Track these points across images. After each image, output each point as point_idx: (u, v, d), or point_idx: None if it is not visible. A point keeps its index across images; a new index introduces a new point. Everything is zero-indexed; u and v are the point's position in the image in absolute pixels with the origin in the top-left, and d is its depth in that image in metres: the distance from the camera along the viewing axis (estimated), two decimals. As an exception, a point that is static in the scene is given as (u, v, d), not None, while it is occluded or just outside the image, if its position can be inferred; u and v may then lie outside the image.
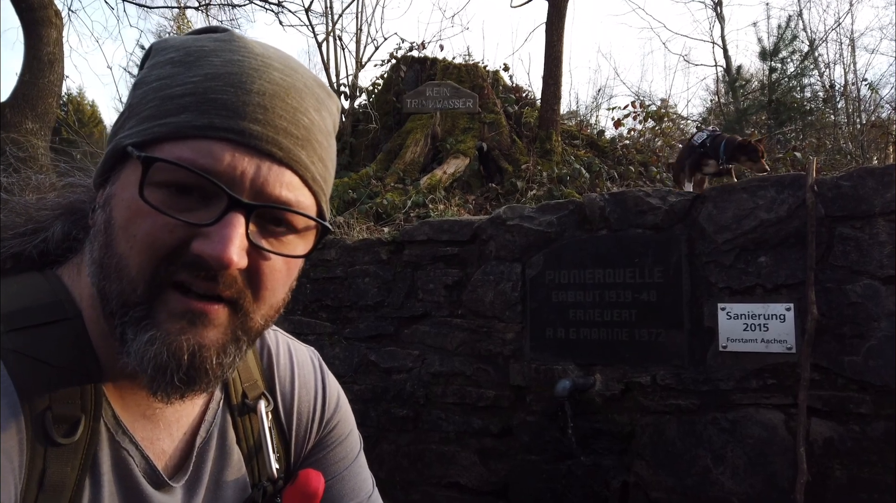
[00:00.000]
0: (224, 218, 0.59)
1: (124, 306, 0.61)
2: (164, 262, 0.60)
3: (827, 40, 11.28)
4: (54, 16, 5.73)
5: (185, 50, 0.65)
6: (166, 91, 0.62)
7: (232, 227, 0.59)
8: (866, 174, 2.71)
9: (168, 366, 0.60)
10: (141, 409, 0.70)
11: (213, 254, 0.58)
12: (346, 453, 0.89)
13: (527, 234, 3.33)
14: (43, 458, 0.61)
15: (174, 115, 0.60)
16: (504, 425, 3.30)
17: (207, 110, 0.60)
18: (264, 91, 0.62)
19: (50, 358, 0.63)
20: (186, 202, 0.60)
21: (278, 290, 0.67)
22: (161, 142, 0.60)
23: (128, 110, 0.65)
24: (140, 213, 0.60)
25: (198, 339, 0.61)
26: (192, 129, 0.60)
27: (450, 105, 6.54)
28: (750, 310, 2.82)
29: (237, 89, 0.61)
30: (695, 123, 10.43)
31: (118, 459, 0.67)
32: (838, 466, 2.64)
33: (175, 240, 0.59)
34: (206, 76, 0.62)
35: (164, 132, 0.60)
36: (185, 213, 0.59)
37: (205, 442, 0.75)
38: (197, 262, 0.59)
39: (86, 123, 14.08)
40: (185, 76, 0.62)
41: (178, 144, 0.60)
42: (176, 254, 0.60)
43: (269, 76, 0.63)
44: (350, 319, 3.74)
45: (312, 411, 0.86)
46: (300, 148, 0.64)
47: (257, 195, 0.61)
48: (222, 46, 0.65)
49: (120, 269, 0.60)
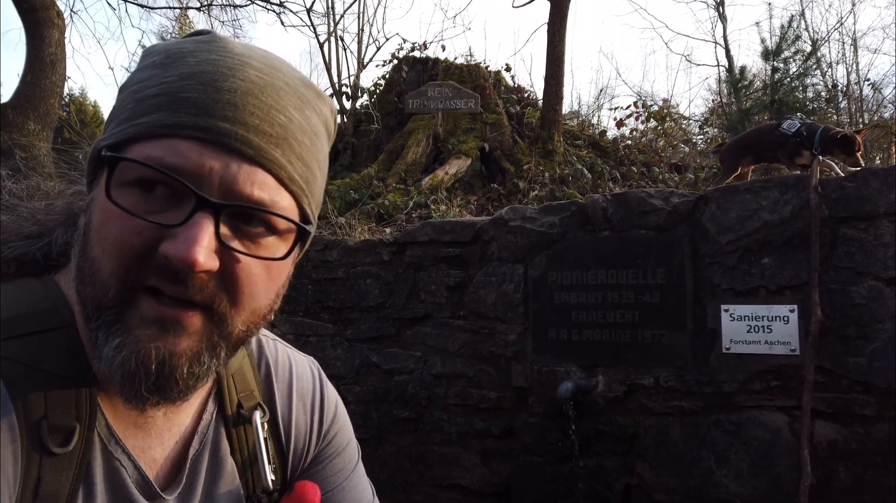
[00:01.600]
0: (191, 218, 0.57)
1: (97, 310, 0.59)
2: (135, 265, 0.58)
3: (829, 40, 11.26)
4: (56, 16, 5.74)
5: (166, 52, 0.65)
6: (142, 92, 0.62)
7: (198, 227, 0.57)
8: (870, 175, 2.69)
9: (136, 375, 0.59)
10: (132, 418, 0.69)
11: (178, 256, 0.56)
12: (345, 464, 0.89)
13: (529, 234, 3.32)
14: (38, 468, 0.60)
15: (146, 115, 0.60)
16: (506, 427, 3.29)
17: (177, 109, 0.59)
18: (236, 89, 0.60)
19: (44, 366, 0.62)
20: (155, 202, 0.58)
21: (259, 295, 0.64)
22: (132, 142, 0.59)
23: (110, 115, 0.65)
24: (110, 216, 0.58)
25: (169, 347, 0.59)
26: (162, 129, 0.58)
27: (451, 105, 6.53)
28: (753, 311, 2.81)
29: (207, 87, 0.60)
30: (697, 123, 10.42)
31: (111, 470, 0.66)
32: (842, 468, 2.63)
33: (144, 242, 0.58)
34: (179, 76, 0.61)
35: (134, 132, 0.59)
36: (154, 215, 0.58)
37: (198, 453, 0.74)
38: (165, 265, 0.57)
39: (88, 124, 14.07)
40: (160, 76, 0.62)
41: (148, 144, 0.59)
42: (145, 256, 0.58)
43: (244, 74, 0.62)
44: (352, 320, 3.73)
45: (311, 422, 0.85)
46: (274, 146, 0.61)
47: (227, 194, 0.59)
48: (201, 47, 0.64)
49: (93, 273, 0.59)
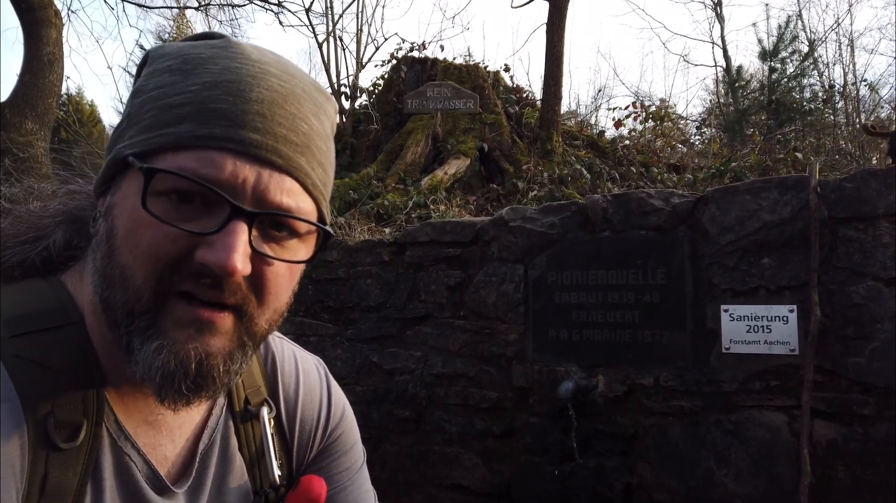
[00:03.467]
0: (227, 226, 0.60)
1: (129, 315, 0.61)
2: (168, 271, 0.60)
3: (826, 40, 11.29)
4: (54, 16, 5.73)
5: (183, 57, 0.65)
6: (165, 100, 0.62)
7: (235, 234, 0.60)
8: (869, 176, 2.71)
9: (175, 375, 0.61)
10: (143, 415, 0.70)
11: (217, 263, 0.59)
12: (349, 464, 0.89)
13: (529, 235, 3.33)
14: (45, 463, 0.61)
15: (174, 124, 0.61)
16: (507, 427, 3.30)
17: (207, 120, 0.60)
18: (262, 99, 0.62)
19: (52, 362, 0.63)
20: (188, 211, 0.60)
21: (282, 295, 0.67)
22: (162, 152, 0.61)
23: (126, 119, 0.65)
24: (142, 224, 0.60)
25: (205, 347, 0.62)
26: (193, 139, 0.60)
27: (450, 105, 6.53)
28: (753, 311, 2.82)
29: (236, 98, 0.61)
30: (694, 124, 10.44)
31: (120, 464, 0.67)
32: (842, 468, 2.64)
33: (178, 249, 0.60)
34: (204, 84, 0.62)
35: (164, 142, 0.61)
36: (187, 223, 0.60)
37: (207, 448, 0.76)
38: (201, 271, 0.60)
39: (85, 123, 14.04)
40: (183, 84, 0.63)
41: (180, 154, 0.60)
42: (180, 263, 0.60)
43: (268, 83, 0.64)
44: (352, 320, 3.73)
45: (317, 419, 0.86)
46: (300, 154, 0.64)
47: (258, 202, 0.62)
48: (219, 53, 0.65)
49: (124, 279, 0.61)
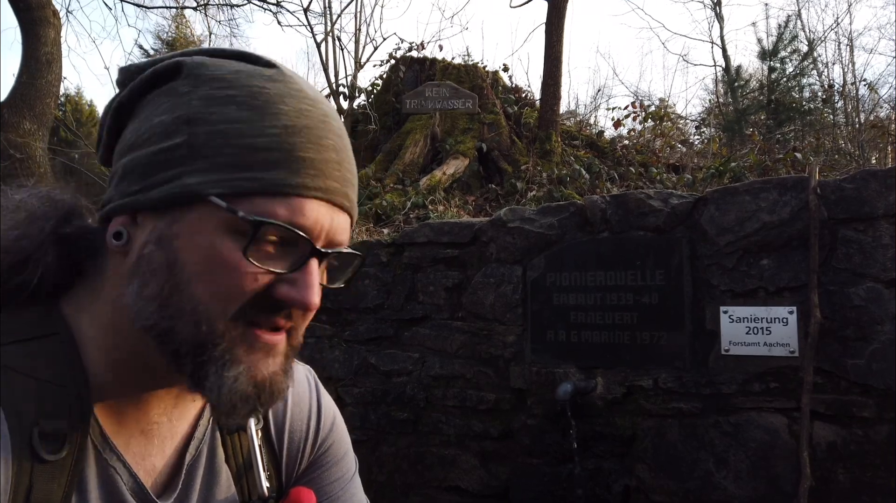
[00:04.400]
0: (307, 265, 0.65)
1: (201, 346, 0.63)
2: (248, 306, 0.64)
3: (826, 40, 11.29)
4: (52, 16, 5.71)
5: (247, 90, 0.65)
6: (245, 140, 0.63)
7: (313, 274, 0.65)
8: (869, 176, 2.69)
9: (251, 396, 0.65)
10: (140, 425, 0.70)
11: (300, 300, 0.64)
12: (341, 474, 0.89)
13: (528, 236, 3.31)
14: (29, 475, 0.60)
15: (262, 169, 0.63)
16: (505, 428, 3.29)
17: (298, 169, 0.64)
18: (336, 147, 0.68)
19: (37, 373, 0.62)
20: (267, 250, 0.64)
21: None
22: (250, 195, 0.62)
23: (188, 148, 0.63)
24: (225, 264, 0.63)
25: (273, 369, 0.67)
26: (287, 188, 0.63)
27: (449, 105, 6.52)
28: (752, 313, 2.81)
29: (317, 146, 0.66)
30: (694, 123, 10.43)
31: (105, 477, 0.66)
32: (841, 470, 2.63)
33: (261, 287, 0.64)
34: (285, 129, 0.64)
35: (255, 188, 0.62)
36: (266, 262, 0.63)
37: (194, 459, 0.75)
38: (279, 306, 0.65)
39: (84, 123, 14.03)
40: (261, 125, 0.64)
41: (271, 201, 0.63)
42: (258, 299, 0.64)
43: (332, 127, 0.69)
44: (349, 322, 3.72)
45: (306, 430, 0.86)
46: (354, 194, 0.71)
47: (328, 242, 0.67)
48: (283, 90, 0.67)
49: (197, 314, 0.63)
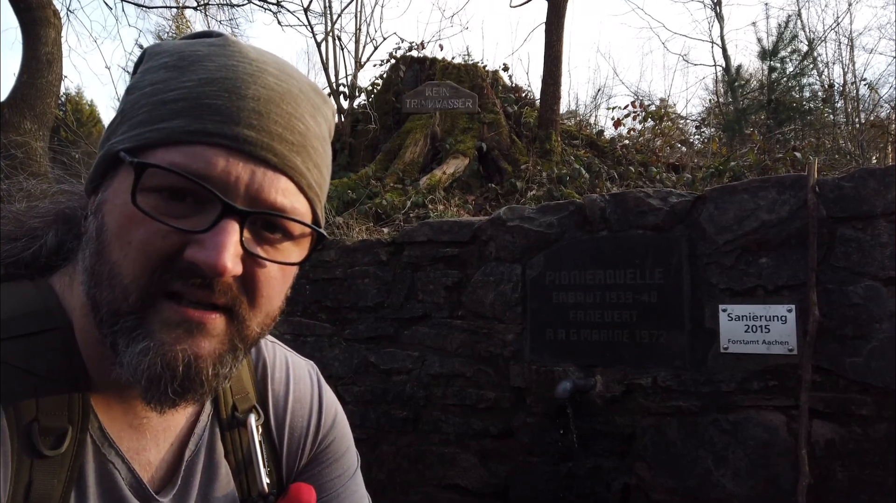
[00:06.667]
0: (218, 224, 0.58)
1: (115, 315, 0.59)
2: (158, 270, 0.59)
3: (826, 40, 11.29)
4: (53, 16, 5.71)
5: (179, 54, 0.64)
6: (159, 96, 0.61)
7: (226, 233, 0.58)
8: (868, 175, 2.70)
9: (162, 377, 0.59)
10: (128, 419, 0.69)
11: (206, 262, 0.57)
12: (342, 471, 0.88)
13: (527, 234, 3.32)
14: (29, 471, 0.60)
15: (167, 120, 0.60)
16: (504, 427, 3.29)
17: (201, 115, 0.59)
18: (259, 96, 0.61)
19: (37, 368, 0.62)
20: (180, 208, 0.59)
21: (274, 298, 0.66)
22: (154, 147, 0.59)
23: (120, 115, 0.64)
24: (133, 220, 0.59)
25: (194, 349, 0.60)
26: (186, 135, 0.59)
27: (449, 105, 6.52)
28: (751, 311, 2.81)
29: (231, 94, 0.60)
30: (694, 123, 10.44)
31: (104, 472, 0.66)
32: (840, 468, 2.63)
33: (169, 247, 0.58)
34: (199, 81, 0.61)
35: (156, 137, 0.59)
36: (178, 220, 0.59)
37: (194, 454, 0.74)
38: (191, 270, 0.58)
39: (84, 123, 14.03)
40: (178, 81, 0.61)
41: (171, 150, 0.59)
42: (170, 261, 0.59)
43: (265, 81, 0.63)
44: (350, 320, 3.73)
45: (307, 426, 0.85)
46: (295, 154, 0.63)
47: (252, 201, 0.60)
48: (217, 51, 0.64)
49: (112, 277, 0.59)
